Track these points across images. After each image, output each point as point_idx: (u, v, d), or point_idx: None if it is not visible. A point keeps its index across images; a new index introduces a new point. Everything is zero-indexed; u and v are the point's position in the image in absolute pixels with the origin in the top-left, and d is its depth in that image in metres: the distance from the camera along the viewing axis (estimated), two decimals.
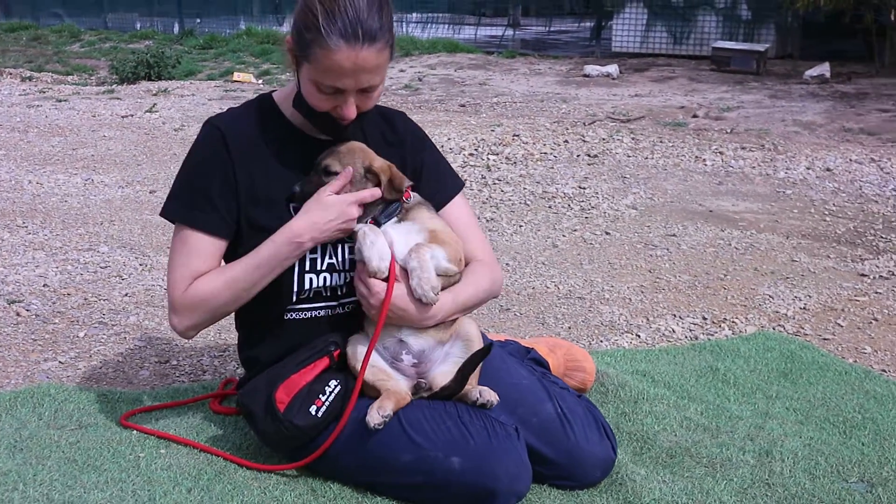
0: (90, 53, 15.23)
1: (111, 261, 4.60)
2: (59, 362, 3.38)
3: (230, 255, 2.53)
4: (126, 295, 4.11)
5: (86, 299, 4.05)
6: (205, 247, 2.48)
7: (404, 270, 2.41)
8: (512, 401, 2.47)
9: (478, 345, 2.47)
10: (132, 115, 9.06)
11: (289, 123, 2.55)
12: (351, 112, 2.40)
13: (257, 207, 2.48)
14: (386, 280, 2.37)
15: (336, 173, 2.42)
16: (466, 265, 2.55)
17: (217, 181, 2.47)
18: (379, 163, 2.45)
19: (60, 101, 10.00)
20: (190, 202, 2.49)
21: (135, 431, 2.75)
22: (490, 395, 2.39)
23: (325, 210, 2.40)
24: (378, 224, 2.43)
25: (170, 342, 3.58)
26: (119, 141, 7.87)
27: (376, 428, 2.30)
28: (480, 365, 2.46)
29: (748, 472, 2.59)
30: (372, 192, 2.43)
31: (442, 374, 2.43)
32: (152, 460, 2.57)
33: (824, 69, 10.84)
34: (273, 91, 2.65)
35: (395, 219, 2.45)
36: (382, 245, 2.38)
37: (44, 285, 4.21)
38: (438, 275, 2.41)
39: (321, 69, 2.32)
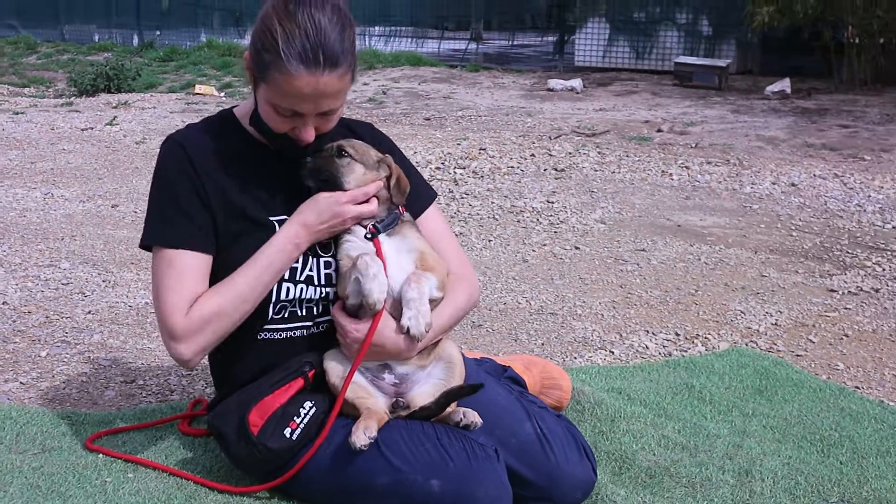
0: (47, 65, 15.02)
1: (73, 277, 4.49)
2: (21, 383, 3.28)
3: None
4: (89, 312, 4.01)
5: (47, 317, 3.94)
6: (196, 265, 2.39)
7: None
8: (490, 421, 2.42)
9: (459, 367, 2.43)
10: (92, 128, 8.92)
11: (250, 137, 2.48)
12: (309, 135, 2.35)
13: (230, 219, 2.41)
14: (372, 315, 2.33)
15: (349, 155, 2.37)
16: None
17: (189, 196, 2.39)
18: (391, 159, 2.45)
19: (17, 113, 9.82)
20: (169, 222, 2.40)
21: (101, 455, 2.65)
22: (474, 417, 2.34)
23: (319, 212, 2.36)
24: (378, 232, 2.39)
25: (135, 361, 3.49)
26: (79, 154, 7.73)
27: (362, 449, 2.23)
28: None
29: (728, 492, 2.56)
30: (365, 191, 2.38)
31: (421, 394, 2.38)
32: (119, 485, 2.48)
33: (785, 85, 10.97)
34: (234, 106, 2.59)
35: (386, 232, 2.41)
36: (383, 278, 2.32)
37: (3, 303, 4.09)
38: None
39: (279, 93, 2.26)
